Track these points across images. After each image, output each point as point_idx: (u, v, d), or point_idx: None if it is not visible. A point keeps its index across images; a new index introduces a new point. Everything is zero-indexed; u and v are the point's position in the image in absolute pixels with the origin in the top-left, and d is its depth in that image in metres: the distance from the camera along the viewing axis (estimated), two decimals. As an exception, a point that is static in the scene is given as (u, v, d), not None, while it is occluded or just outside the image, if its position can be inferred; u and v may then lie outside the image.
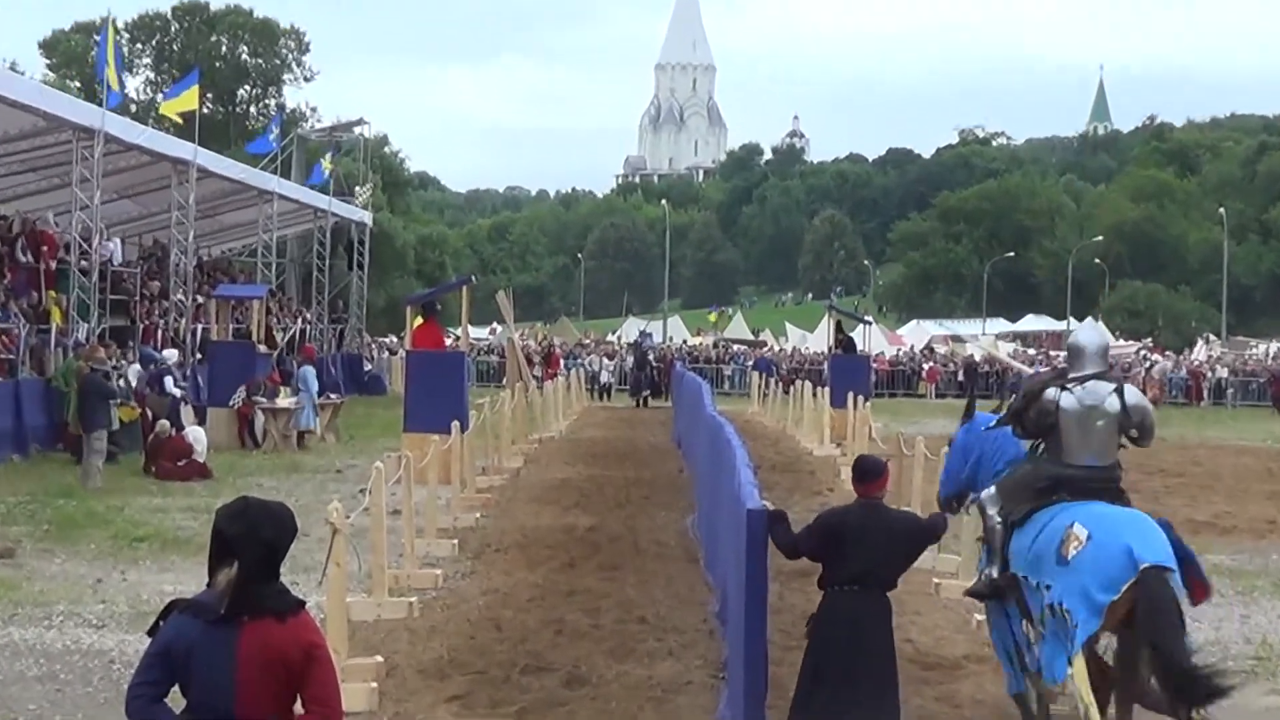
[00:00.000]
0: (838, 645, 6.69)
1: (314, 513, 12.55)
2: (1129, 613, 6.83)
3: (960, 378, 48.98)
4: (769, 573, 7.17)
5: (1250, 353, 59.85)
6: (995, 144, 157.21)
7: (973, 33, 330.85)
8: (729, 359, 52.82)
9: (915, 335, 67.94)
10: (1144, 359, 54.67)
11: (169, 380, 23.03)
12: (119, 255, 28.89)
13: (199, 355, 27.87)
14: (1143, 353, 58.18)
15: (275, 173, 37.20)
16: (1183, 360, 55.30)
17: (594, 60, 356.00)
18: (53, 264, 24.59)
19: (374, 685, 8.37)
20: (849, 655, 6.65)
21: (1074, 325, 60.17)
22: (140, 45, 76.78)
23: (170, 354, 25.27)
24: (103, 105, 24.28)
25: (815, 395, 28.06)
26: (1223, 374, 51.37)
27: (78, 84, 63.63)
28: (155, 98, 66.11)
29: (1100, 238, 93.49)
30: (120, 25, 72.07)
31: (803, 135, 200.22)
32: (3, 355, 21.78)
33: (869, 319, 38.49)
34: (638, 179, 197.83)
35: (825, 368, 34.06)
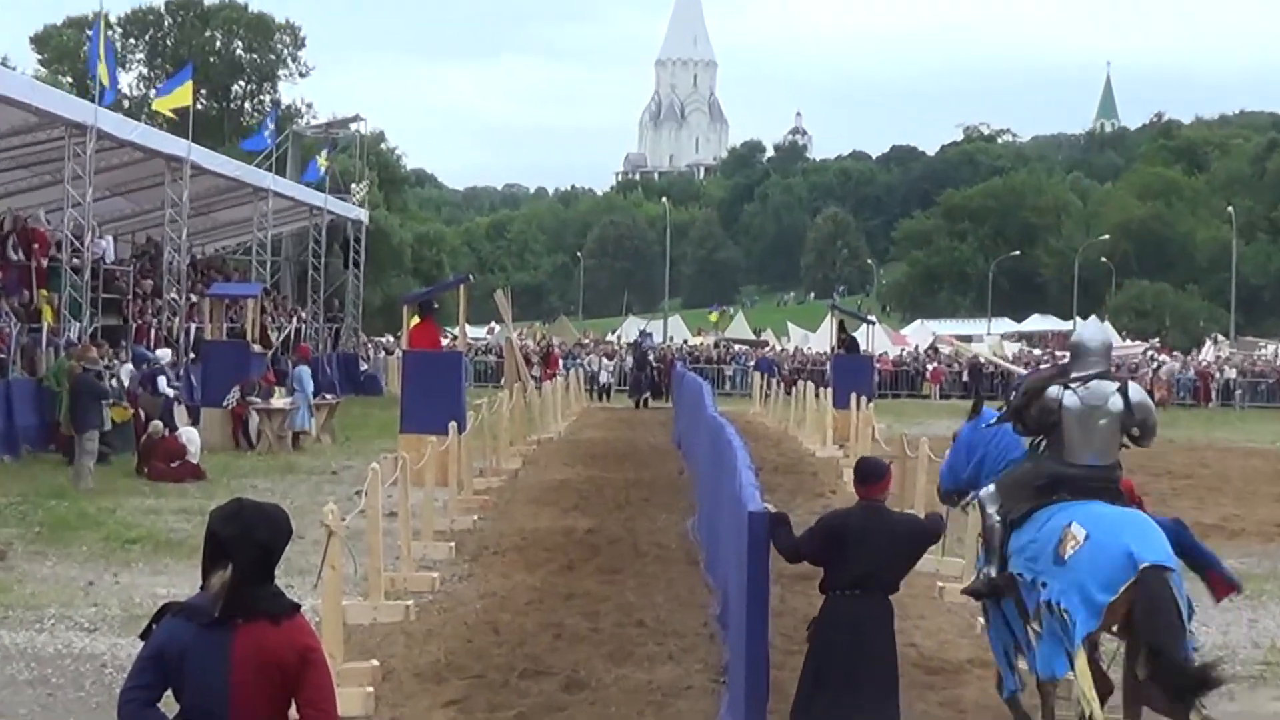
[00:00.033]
0: (839, 650, 6.68)
1: (309, 515, 12.56)
2: (1128, 613, 6.87)
3: (965, 378, 48.99)
4: (770, 575, 7.17)
5: (1259, 353, 59.85)
6: (1000, 141, 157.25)
7: (978, 28, 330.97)
8: (730, 359, 52.84)
9: (919, 335, 67.96)
10: (1151, 359, 54.68)
11: (162, 380, 23.06)
12: (111, 253, 28.92)
13: (192, 355, 27.88)
14: (1150, 353, 58.17)
15: (270, 170, 37.20)
16: (1190, 361, 55.29)
17: (594, 56, 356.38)
18: (44, 262, 24.58)
19: (370, 690, 8.38)
20: (850, 660, 6.65)
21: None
22: (133, 40, 76.73)
23: (163, 353, 25.31)
24: (95, 101, 24.27)
25: (818, 396, 28.07)
26: (1231, 375, 51.40)
27: (70, 79, 63.63)
28: (148, 93, 66.02)
29: (1107, 236, 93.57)
30: (113, 20, 72.17)
31: (805, 132, 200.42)
32: (-6, 355, 21.79)
33: (872, 318, 38.50)
34: (638, 176, 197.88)
35: (828, 368, 34.04)
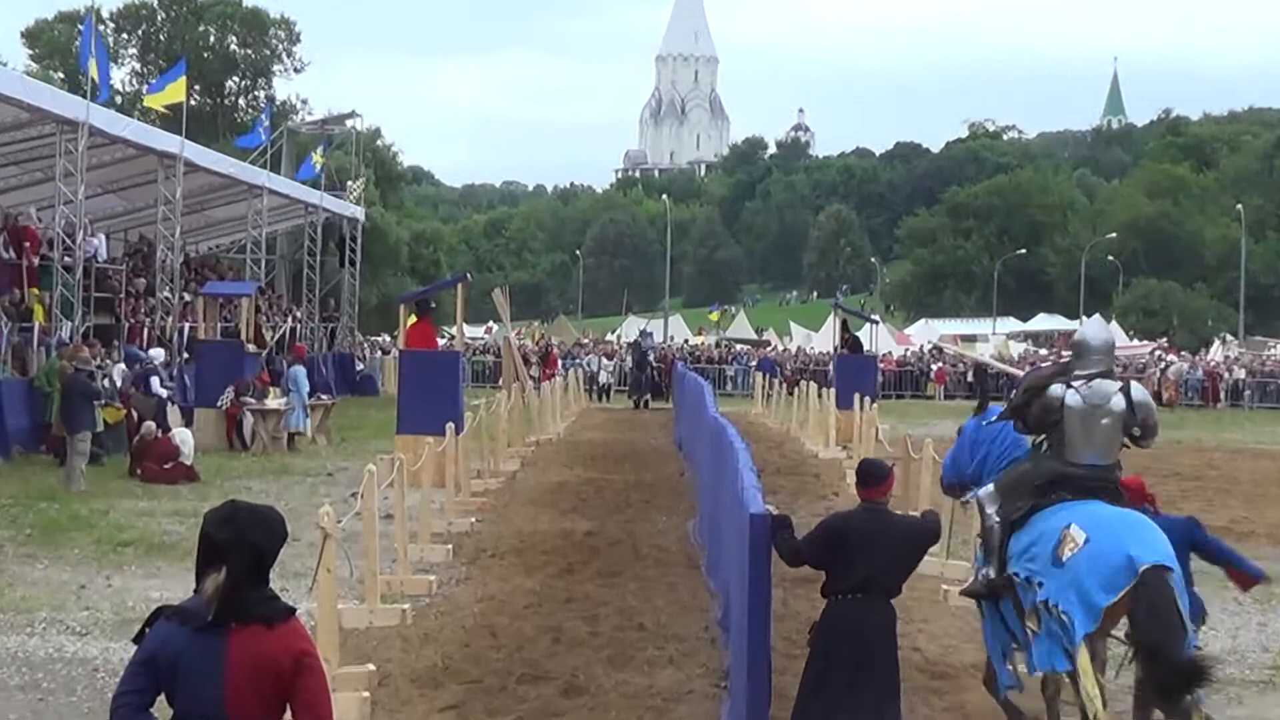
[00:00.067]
0: (840, 656, 6.66)
1: (304, 517, 12.57)
2: (1131, 615, 6.89)
3: (970, 379, 48.98)
4: (772, 579, 7.17)
5: (1268, 353, 59.89)
6: (1006, 138, 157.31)
7: (983, 23, 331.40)
8: (731, 359, 52.85)
9: (923, 334, 67.99)
10: (1159, 359, 54.68)
11: (155, 380, 23.04)
12: (104, 251, 28.88)
13: (186, 355, 27.86)
14: (1157, 353, 58.20)
15: (265, 167, 37.19)
16: (1199, 361, 55.30)
17: (593, 51, 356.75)
18: (35, 260, 24.57)
19: (366, 694, 8.38)
20: (851, 666, 6.63)
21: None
22: (126, 35, 76.73)
23: (156, 353, 25.28)
24: (87, 97, 24.27)
25: (820, 396, 28.07)
26: (1240, 375, 51.40)
27: (61, 75, 63.66)
28: (141, 89, 66.07)
29: (1114, 234, 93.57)
30: (105, 14, 72.28)
31: (807, 128, 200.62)
32: (-16, 354, 21.81)
33: (876, 318, 38.53)
34: (638, 173, 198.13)
35: (830, 368, 34.07)
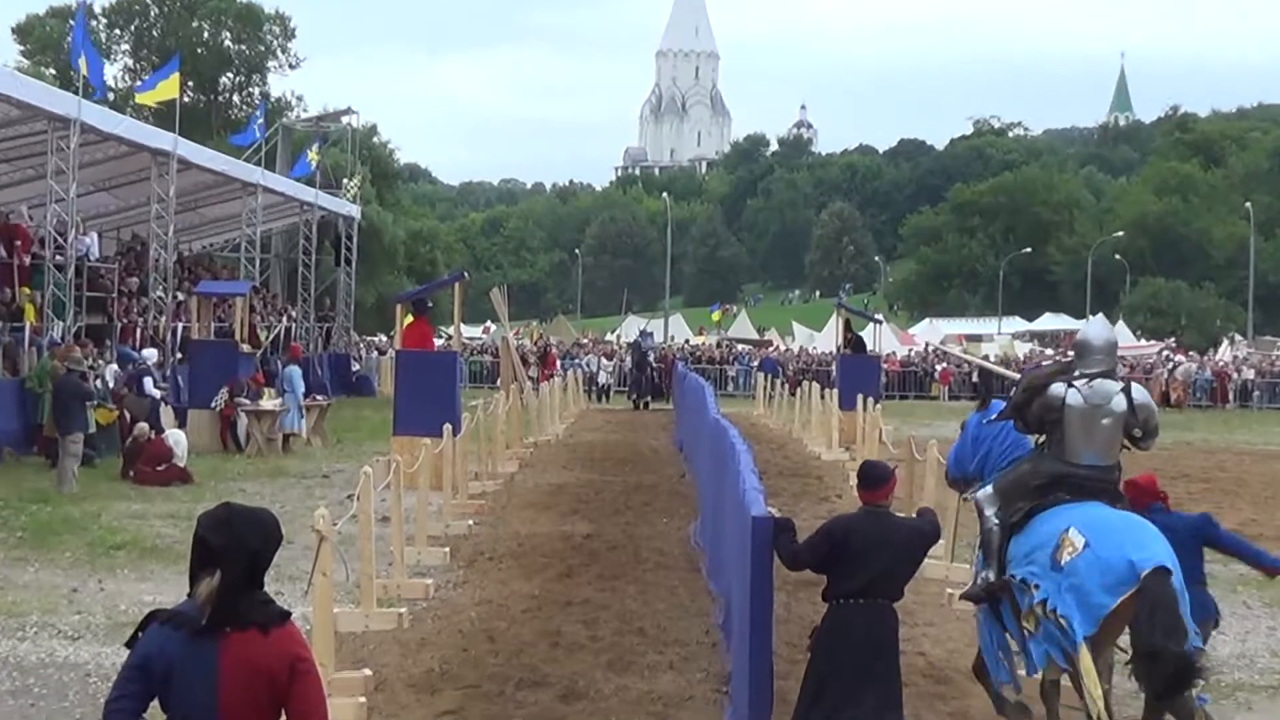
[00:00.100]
0: (842, 661, 6.64)
1: (299, 519, 12.58)
2: (1132, 619, 6.90)
3: (974, 379, 48.96)
4: (774, 582, 7.17)
5: (1278, 353, 59.83)
6: (1011, 135, 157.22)
7: (988, 17, 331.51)
8: (733, 359, 52.87)
9: (928, 334, 67.99)
10: (1167, 360, 54.68)
11: (148, 381, 23.06)
12: (96, 250, 28.89)
13: (179, 355, 27.88)
14: (1165, 353, 58.20)
15: (259, 164, 37.20)
16: (1207, 361, 55.29)
17: (592, 47, 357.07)
18: (26, 259, 24.58)
19: (362, 700, 8.38)
20: (853, 672, 6.61)
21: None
22: (118, 31, 76.76)
23: (149, 353, 25.31)
24: (79, 93, 24.27)
25: (823, 397, 28.10)
26: (1249, 375, 51.40)
27: (52, 71, 63.71)
28: (134, 85, 66.02)
29: (1121, 233, 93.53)
30: (97, 10, 72.32)
31: (810, 125, 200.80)
32: (-26, 355, 21.80)
33: (879, 317, 38.48)
34: (638, 171, 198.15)
35: (833, 368, 34.07)
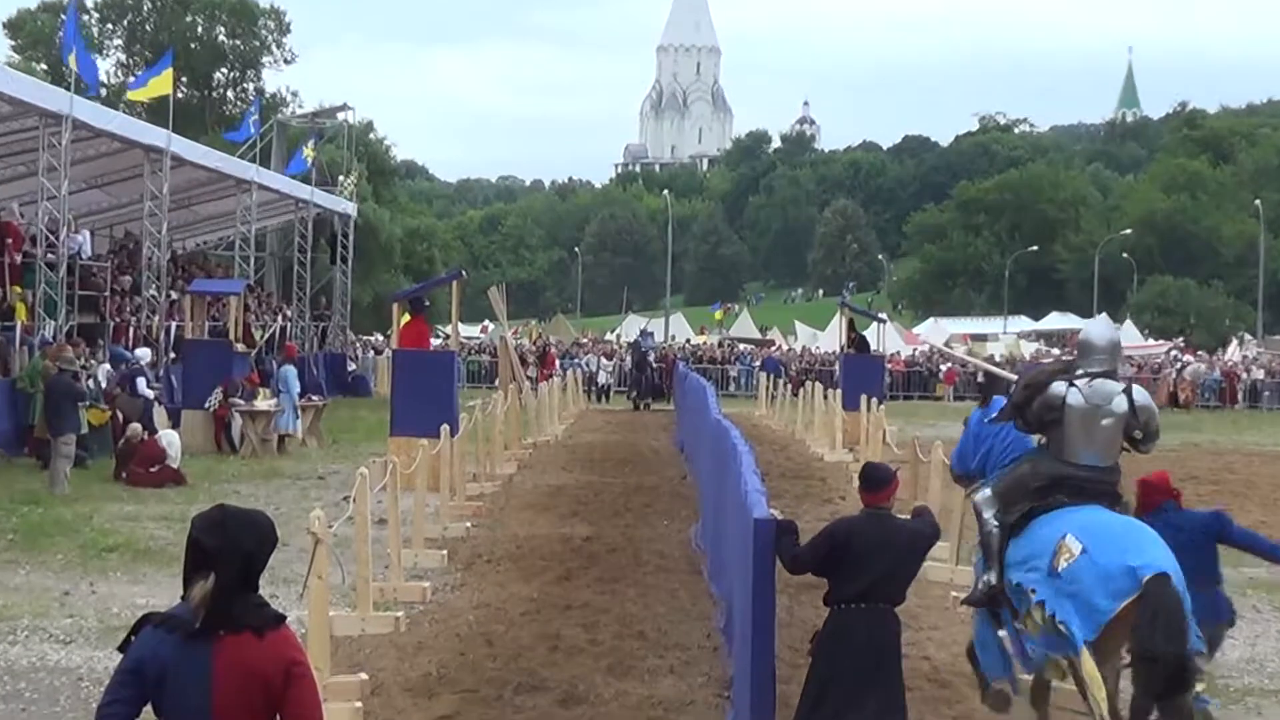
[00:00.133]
0: (843, 665, 6.64)
1: (295, 522, 12.58)
2: (1134, 625, 6.90)
3: (979, 379, 48.92)
4: (777, 585, 7.17)
5: (1288, 353, 59.84)
6: (1017, 131, 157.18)
7: (993, 12, 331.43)
8: (735, 359, 52.88)
9: (932, 333, 67.97)
10: (1175, 359, 54.69)
11: (141, 381, 23.05)
12: (88, 248, 28.89)
13: (173, 354, 27.87)
14: (1173, 353, 58.19)
15: (254, 161, 37.22)
16: (1216, 361, 55.31)
17: (592, 43, 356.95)
18: (18, 257, 24.55)
19: (358, 704, 8.38)
20: (854, 677, 6.61)
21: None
22: (111, 26, 76.68)
23: (142, 353, 25.30)
24: (70, 89, 24.27)
25: (826, 397, 28.07)
26: (1259, 375, 51.40)
27: (44, 66, 63.61)
28: (126, 80, 66.03)
29: (1129, 231, 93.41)
30: (90, 5, 72.19)
31: (813, 121, 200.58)
32: (-35, 354, 21.79)
33: (883, 316, 38.50)
34: (638, 168, 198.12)
35: (837, 368, 34.07)
